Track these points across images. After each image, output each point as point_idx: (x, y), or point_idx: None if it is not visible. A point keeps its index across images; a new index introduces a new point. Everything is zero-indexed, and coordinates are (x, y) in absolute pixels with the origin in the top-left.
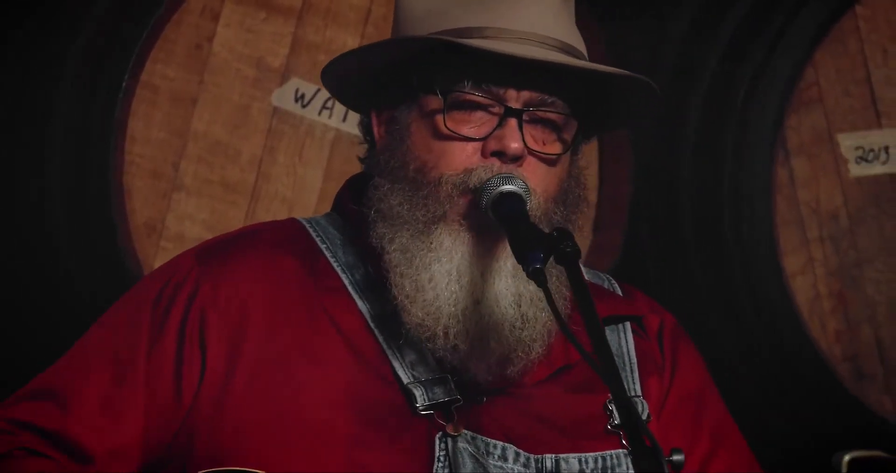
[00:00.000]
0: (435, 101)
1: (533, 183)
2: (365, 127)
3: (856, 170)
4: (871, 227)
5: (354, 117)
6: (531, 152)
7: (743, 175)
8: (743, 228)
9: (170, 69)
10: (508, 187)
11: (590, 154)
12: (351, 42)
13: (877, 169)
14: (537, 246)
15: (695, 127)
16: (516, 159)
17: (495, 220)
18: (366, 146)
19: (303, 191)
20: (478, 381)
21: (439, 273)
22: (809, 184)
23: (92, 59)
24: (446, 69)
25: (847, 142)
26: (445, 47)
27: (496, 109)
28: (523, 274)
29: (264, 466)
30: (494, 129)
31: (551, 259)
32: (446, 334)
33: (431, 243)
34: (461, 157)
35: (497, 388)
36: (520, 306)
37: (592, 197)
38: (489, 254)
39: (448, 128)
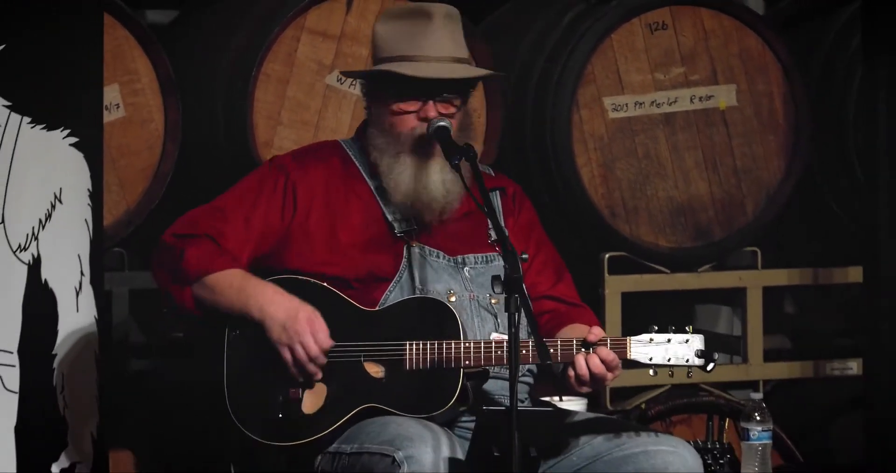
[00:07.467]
0: (396, 96)
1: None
2: (364, 92)
3: (612, 115)
4: (620, 143)
5: None
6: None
7: (557, 117)
8: (557, 143)
9: (276, 65)
10: (442, 122)
11: (479, 105)
12: (364, 52)
13: (621, 114)
14: (456, 151)
15: (532, 96)
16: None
17: (435, 139)
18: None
19: (340, 125)
20: (425, 221)
21: (407, 176)
22: (589, 122)
23: (238, 60)
24: (401, 81)
25: (607, 101)
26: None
27: (423, 97)
28: (447, 169)
29: (320, 261)
30: (422, 107)
31: (462, 158)
32: (413, 205)
33: (399, 161)
34: (407, 121)
35: (435, 223)
36: (445, 186)
37: (481, 125)
38: (430, 163)
39: (401, 108)
